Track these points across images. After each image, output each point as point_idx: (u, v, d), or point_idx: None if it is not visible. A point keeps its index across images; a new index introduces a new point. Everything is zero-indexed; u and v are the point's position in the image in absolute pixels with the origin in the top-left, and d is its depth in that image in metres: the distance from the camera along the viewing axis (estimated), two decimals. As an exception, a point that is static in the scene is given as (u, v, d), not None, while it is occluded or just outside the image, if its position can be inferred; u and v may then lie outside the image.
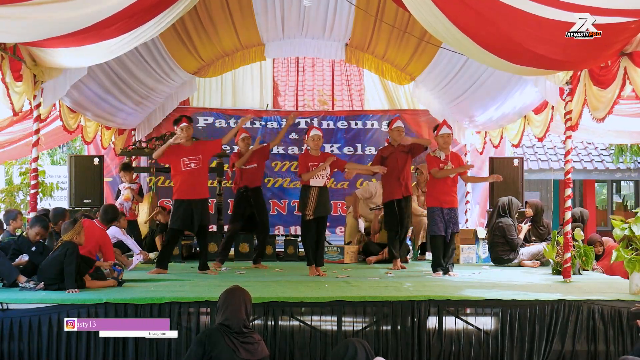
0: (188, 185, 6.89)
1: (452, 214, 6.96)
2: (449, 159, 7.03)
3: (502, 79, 7.95)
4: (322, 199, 6.89)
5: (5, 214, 7.21)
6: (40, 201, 8.50)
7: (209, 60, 10.28)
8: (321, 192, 6.88)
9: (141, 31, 5.86)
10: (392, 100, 11.61)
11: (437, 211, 6.92)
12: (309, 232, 6.93)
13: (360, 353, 3.54)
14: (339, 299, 5.17)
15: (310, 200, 6.83)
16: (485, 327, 5.19)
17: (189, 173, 6.90)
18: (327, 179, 6.94)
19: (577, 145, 13.27)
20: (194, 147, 7.00)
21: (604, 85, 5.54)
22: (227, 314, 3.96)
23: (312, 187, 6.85)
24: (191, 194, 6.89)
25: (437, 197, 6.97)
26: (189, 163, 6.91)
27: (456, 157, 7.24)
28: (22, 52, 5.92)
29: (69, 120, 7.82)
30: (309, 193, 6.85)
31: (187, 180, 6.89)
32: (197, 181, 6.95)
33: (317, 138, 6.98)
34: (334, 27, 9.73)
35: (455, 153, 7.38)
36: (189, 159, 6.92)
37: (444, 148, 7.07)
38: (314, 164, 6.87)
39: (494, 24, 5.15)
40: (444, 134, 7.06)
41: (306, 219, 6.90)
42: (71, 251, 5.44)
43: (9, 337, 4.88)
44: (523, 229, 8.20)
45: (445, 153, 7.05)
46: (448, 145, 7.11)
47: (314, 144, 6.98)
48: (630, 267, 5.46)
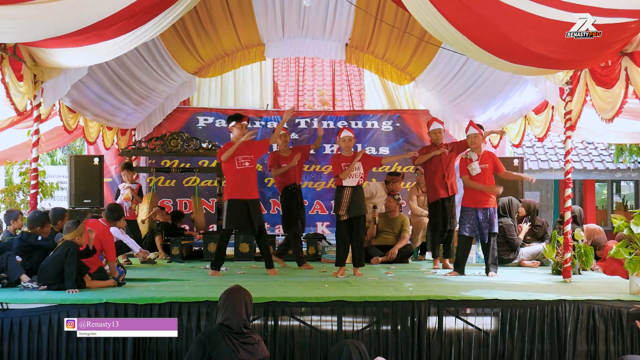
0: (244, 185, 6.81)
1: (488, 214, 6.90)
2: (481, 159, 6.97)
3: (502, 79, 7.95)
4: (357, 199, 6.83)
5: (6, 214, 7.20)
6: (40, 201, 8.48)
7: (209, 60, 10.29)
8: (355, 191, 6.84)
9: (141, 31, 5.86)
10: (392, 100, 11.61)
11: (469, 211, 6.91)
12: (341, 232, 6.91)
13: (355, 356, 3.53)
14: (339, 299, 5.17)
15: (343, 200, 6.80)
16: (485, 327, 5.19)
17: (244, 172, 6.83)
18: (360, 178, 6.87)
19: (577, 145, 13.29)
20: (246, 146, 6.92)
21: (608, 85, 5.53)
22: (228, 314, 3.95)
23: (346, 187, 6.82)
24: (247, 194, 6.81)
25: (472, 197, 6.93)
26: (244, 162, 6.84)
27: (490, 157, 7.10)
28: (22, 52, 5.93)
29: (69, 120, 7.82)
30: (343, 193, 6.82)
31: (242, 180, 6.81)
32: (252, 180, 6.89)
33: (348, 139, 6.98)
34: (334, 27, 9.73)
35: (489, 153, 7.22)
36: (243, 158, 6.84)
37: (475, 149, 7.02)
38: (346, 164, 6.86)
39: (493, 24, 5.15)
40: (436, 130, 7.06)
41: (340, 219, 6.87)
42: (72, 251, 5.44)
43: (9, 337, 4.88)
44: (524, 228, 8.20)
45: (478, 153, 7.00)
46: (476, 146, 7.04)
47: (345, 145, 6.99)
48: (630, 268, 5.46)
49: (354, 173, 6.84)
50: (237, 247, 8.70)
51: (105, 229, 6.31)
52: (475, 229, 6.90)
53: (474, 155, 7.01)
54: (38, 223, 6.02)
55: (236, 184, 6.82)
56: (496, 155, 7.35)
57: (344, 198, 6.79)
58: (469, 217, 6.91)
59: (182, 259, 8.34)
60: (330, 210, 11.00)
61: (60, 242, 5.56)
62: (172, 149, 9.19)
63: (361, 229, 6.98)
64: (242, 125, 6.91)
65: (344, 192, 6.81)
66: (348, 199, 6.79)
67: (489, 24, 5.15)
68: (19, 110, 5.97)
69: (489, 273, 6.90)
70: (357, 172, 6.86)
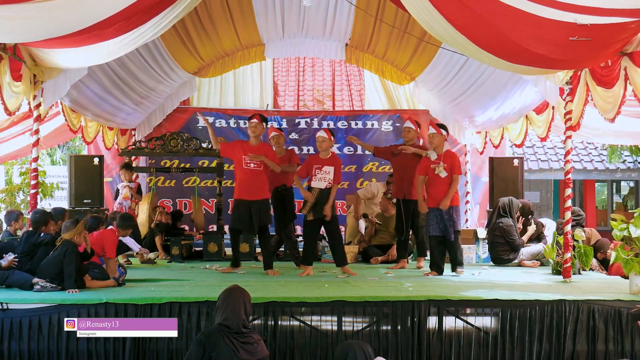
0: (248, 185, 6.83)
1: (451, 212, 6.89)
2: (442, 159, 6.95)
3: (502, 79, 7.95)
4: (322, 201, 6.86)
5: (7, 214, 7.21)
6: (41, 201, 8.50)
7: (209, 60, 10.28)
8: (322, 193, 6.86)
9: (140, 32, 5.86)
10: (392, 100, 11.62)
11: (434, 211, 6.91)
12: (308, 232, 7.02)
13: (360, 357, 3.52)
14: (339, 299, 5.17)
15: (310, 201, 6.88)
16: (485, 327, 5.19)
17: (249, 172, 6.85)
18: (329, 182, 6.87)
19: (577, 145, 13.28)
20: (260, 146, 6.93)
21: (608, 85, 5.53)
22: (227, 314, 3.96)
23: (314, 188, 6.89)
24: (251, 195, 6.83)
25: (436, 197, 6.92)
26: (250, 163, 6.84)
27: (450, 157, 7.04)
28: (22, 52, 5.93)
29: (72, 119, 7.83)
30: (310, 194, 6.89)
31: (246, 180, 6.84)
32: (258, 181, 6.88)
33: (321, 140, 6.98)
34: (334, 27, 9.73)
35: (450, 153, 7.16)
36: (250, 159, 6.84)
37: (435, 148, 7.01)
38: (317, 166, 6.89)
39: (493, 24, 5.15)
40: (429, 134, 7.04)
41: (307, 219, 6.96)
42: (70, 251, 5.43)
43: (9, 337, 4.88)
44: (529, 230, 8.16)
45: (438, 153, 7.00)
46: (436, 146, 7.01)
47: (318, 146, 7.03)
48: (627, 268, 5.47)
49: (322, 177, 6.86)
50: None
51: (108, 230, 6.29)
52: (443, 227, 6.87)
53: (433, 154, 6.98)
54: (42, 223, 6.01)
55: (240, 184, 6.85)
56: (458, 157, 7.20)
57: (310, 199, 6.86)
58: (434, 217, 6.90)
59: (182, 259, 8.33)
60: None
61: (59, 242, 5.55)
62: (172, 149, 9.19)
63: (331, 228, 7.05)
64: (249, 124, 6.97)
65: (311, 194, 6.88)
66: (314, 199, 6.84)
67: (489, 24, 5.15)
68: (10, 111, 5.95)
69: (457, 270, 6.92)
70: (326, 176, 6.86)
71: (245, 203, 6.82)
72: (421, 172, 7.02)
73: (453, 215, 6.90)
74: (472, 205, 10.90)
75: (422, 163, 7.05)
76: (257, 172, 6.85)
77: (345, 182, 10.84)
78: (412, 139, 7.66)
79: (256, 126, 6.92)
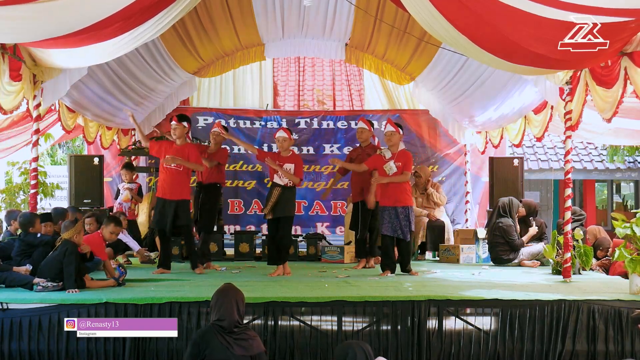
0: (168, 184, 6.91)
1: (407, 212, 6.88)
2: (395, 158, 6.91)
3: (502, 79, 7.94)
4: (284, 199, 6.84)
5: (7, 214, 7.22)
6: (41, 201, 8.50)
7: (209, 60, 10.28)
8: (284, 192, 6.85)
9: (140, 31, 5.85)
10: (392, 100, 11.60)
11: (389, 210, 6.88)
12: (270, 231, 7.01)
13: (360, 356, 3.52)
14: (339, 299, 5.17)
15: (270, 200, 6.87)
16: (485, 327, 5.19)
17: (169, 172, 6.92)
18: (289, 180, 6.86)
19: (577, 145, 13.27)
20: (183, 147, 6.98)
21: (608, 85, 5.53)
22: (220, 313, 3.99)
23: (276, 185, 6.88)
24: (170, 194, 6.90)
25: (391, 196, 6.88)
26: (170, 162, 6.87)
27: (403, 156, 6.98)
28: (22, 52, 5.92)
29: (67, 120, 7.82)
30: (272, 192, 6.90)
31: (166, 180, 6.93)
32: (175, 181, 6.92)
33: (282, 139, 6.98)
34: (333, 27, 9.73)
35: (403, 152, 7.08)
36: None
37: (390, 147, 6.99)
38: (279, 163, 6.89)
39: (492, 24, 5.14)
40: (387, 132, 7.01)
41: (266, 217, 7.00)
42: (70, 251, 5.44)
43: (9, 337, 4.88)
44: (530, 232, 8.16)
45: (392, 151, 6.97)
46: (393, 144, 6.98)
47: (279, 145, 7.02)
48: (630, 267, 5.47)
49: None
50: (237, 247, 8.70)
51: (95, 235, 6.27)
52: (397, 227, 6.84)
53: (388, 152, 6.97)
54: (29, 224, 6.00)
55: (160, 184, 6.99)
56: (411, 157, 7.18)
57: (272, 197, 6.85)
58: (388, 216, 6.87)
59: (182, 259, 8.33)
60: (330, 210, 11.02)
61: (59, 242, 5.56)
62: (172, 149, 9.16)
63: (285, 229, 6.94)
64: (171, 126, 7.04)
65: (273, 191, 6.87)
66: (275, 199, 6.82)
67: (488, 23, 5.15)
68: (5, 110, 5.94)
69: (412, 271, 6.92)
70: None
71: (166, 202, 6.89)
72: (370, 167, 7.03)
73: (409, 215, 6.87)
74: (472, 205, 10.90)
75: (374, 159, 7.04)
76: (177, 172, 6.90)
77: (345, 183, 10.81)
78: (367, 139, 7.67)
79: (175, 128, 6.98)
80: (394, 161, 6.88)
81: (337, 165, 7.99)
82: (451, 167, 11.06)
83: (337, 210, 10.98)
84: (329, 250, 8.54)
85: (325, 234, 10.41)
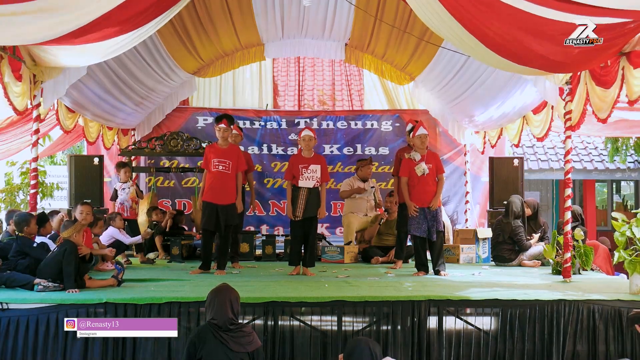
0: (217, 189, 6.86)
1: (434, 212, 6.91)
2: (425, 159, 6.95)
3: (502, 79, 7.95)
4: (312, 200, 6.85)
5: (8, 214, 7.21)
6: (41, 201, 8.50)
7: (209, 60, 10.29)
8: (311, 193, 6.84)
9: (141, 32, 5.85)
10: (392, 100, 11.61)
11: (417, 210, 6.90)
12: (297, 232, 6.96)
13: (365, 356, 3.50)
14: (339, 299, 5.17)
15: (300, 202, 6.84)
16: (485, 327, 5.19)
17: (217, 175, 6.86)
18: (316, 180, 6.86)
19: (577, 145, 13.28)
20: (229, 149, 6.97)
21: (607, 85, 5.53)
22: (214, 313, 4.01)
23: (302, 188, 6.84)
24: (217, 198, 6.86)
25: (419, 196, 6.91)
26: (218, 165, 6.86)
27: (433, 157, 7.08)
28: (21, 52, 5.92)
29: (66, 120, 7.81)
30: (299, 194, 6.85)
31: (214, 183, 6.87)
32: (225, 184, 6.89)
33: (308, 139, 6.93)
34: (333, 27, 9.73)
35: (432, 153, 7.21)
36: (219, 161, 6.86)
37: (420, 149, 7.01)
38: (303, 166, 6.85)
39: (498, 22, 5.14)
40: (422, 135, 6.97)
41: (295, 219, 6.91)
42: (70, 251, 5.43)
43: (9, 337, 4.87)
44: (535, 237, 8.13)
45: (421, 154, 6.99)
46: (425, 146, 7.02)
47: (304, 145, 6.95)
48: (630, 268, 5.47)
49: (310, 175, 6.84)
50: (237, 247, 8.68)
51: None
52: (425, 228, 6.87)
53: (417, 155, 6.97)
54: (24, 223, 5.98)
55: (209, 187, 6.89)
56: (439, 157, 7.24)
57: (300, 199, 6.82)
58: (417, 216, 6.89)
59: (182, 259, 8.33)
60: (330, 211, 11.00)
61: (59, 242, 5.55)
62: (172, 149, 9.19)
63: (314, 229, 7.03)
64: (219, 129, 6.96)
65: (300, 193, 6.83)
66: (304, 200, 6.81)
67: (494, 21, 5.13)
68: (19, 110, 5.95)
69: (441, 273, 6.89)
70: (313, 174, 6.85)
71: (218, 207, 6.85)
72: (404, 174, 7.01)
73: (438, 216, 6.92)
74: (472, 205, 10.90)
75: (405, 164, 7.03)
76: (226, 175, 6.87)
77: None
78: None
79: (225, 130, 6.96)
80: (425, 162, 6.91)
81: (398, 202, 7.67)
82: (451, 167, 11.06)
83: (337, 210, 10.98)
84: (329, 250, 8.53)
85: (325, 234, 10.41)
